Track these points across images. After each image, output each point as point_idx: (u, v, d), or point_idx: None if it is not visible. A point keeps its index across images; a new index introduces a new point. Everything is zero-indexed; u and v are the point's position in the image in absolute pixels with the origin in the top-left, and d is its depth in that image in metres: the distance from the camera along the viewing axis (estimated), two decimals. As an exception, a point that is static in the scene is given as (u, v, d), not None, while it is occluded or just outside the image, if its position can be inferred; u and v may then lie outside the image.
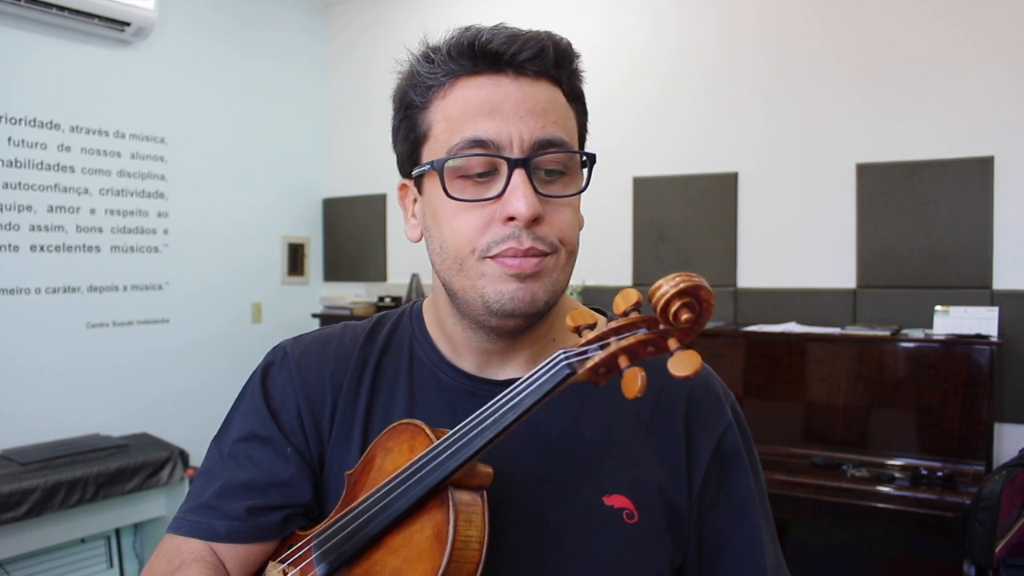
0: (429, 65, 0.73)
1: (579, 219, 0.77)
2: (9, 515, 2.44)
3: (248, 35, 3.94)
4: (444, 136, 0.71)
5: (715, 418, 0.80)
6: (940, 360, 2.52)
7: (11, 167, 3.01)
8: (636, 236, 3.39)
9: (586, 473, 0.76)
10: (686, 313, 0.56)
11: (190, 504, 0.79)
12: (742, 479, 0.80)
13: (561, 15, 3.62)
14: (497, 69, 0.71)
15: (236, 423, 0.83)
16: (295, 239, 4.24)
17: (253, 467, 0.78)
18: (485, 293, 0.71)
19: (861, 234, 2.91)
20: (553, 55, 0.72)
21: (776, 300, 3.06)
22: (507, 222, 0.69)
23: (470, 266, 0.71)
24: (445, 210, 0.72)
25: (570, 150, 0.72)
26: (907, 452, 2.53)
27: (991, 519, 2.11)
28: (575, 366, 0.61)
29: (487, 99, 0.70)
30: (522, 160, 0.69)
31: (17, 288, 3.02)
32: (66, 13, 3.02)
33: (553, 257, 0.71)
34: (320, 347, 0.85)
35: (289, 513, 0.78)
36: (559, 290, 0.73)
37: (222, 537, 0.76)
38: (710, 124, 3.24)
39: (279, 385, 0.83)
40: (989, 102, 2.70)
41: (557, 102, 0.73)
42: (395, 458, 0.69)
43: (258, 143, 3.99)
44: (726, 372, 2.87)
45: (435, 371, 0.81)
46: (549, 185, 0.71)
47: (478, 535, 0.61)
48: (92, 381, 3.24)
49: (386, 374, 0.82)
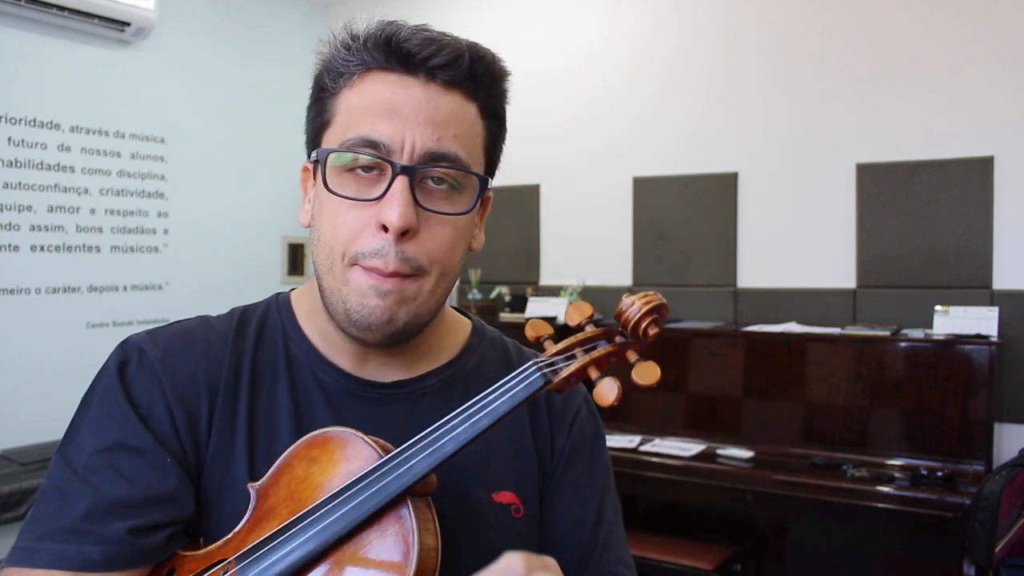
0: (345, 52, 0.71)
1: (468, 240, 0.75)
2: (9, 515, 2.44)
3: (248, 35, 3.94)
4: (342, 128, 0.70)
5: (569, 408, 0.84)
6: (940, 360, 2.52)
7: (11, 167, 3.01)
8: (636, 236, 3.39)
9: (474, 472, 0.76)
10: (654, 328, 0.62)
11: (44, 530, 0.65)
12: (584, 465, 0.83)
13: (561, 15, 3.62)
14: (408, 70, 0.69)
15: (89, 432, 0.71)
16: (295, 239, 4.24)
17: (124, 482, 0.67)
18: (347, 301, 0.69)
19: (861, 234, 2.91)
20: (469, 67, 0.70)
21: (776, 300, 3.06)
22: (380, 231, 0.67)
23: (338, 269, 0.70)
24: (327, 204, 0.71)
25: (462, 168, 0.70)
26: (907, 452, 2.53)
27: (991, 519, 2.11)
28: (549, 376, 0.63)
29: (390, 98, 0.68)
30: (407, 168, 0.67)
31: (17, 288, 3.02)
32: (66, 13, 3.02)
33: (417, 281, 0.69)
34: (183, 344, 0.76)
35: (173, 531, 0.69)
36: (425, 312, 0.72)
37: (98, 565, 0.64)
38: (710, 124, 3.24)
39: (143, 387, 0.72)
40: (989, 102, 2.70)
41: (464, 116, 0.71)
42: (327, 468, 0.66)
43: (258, 143, 3.99)
44: (726, 372, 2.87)
45: (314, 371, 0.77)
46: (434, 198, 0.69)
47: (435, 543, 0.62)
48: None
49: (264, 374, 0.77)
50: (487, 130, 0.74)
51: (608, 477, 0.86)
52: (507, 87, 0.76)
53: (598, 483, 0.83)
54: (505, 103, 0.76)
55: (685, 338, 2.96)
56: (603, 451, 0.87)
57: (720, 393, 2.88)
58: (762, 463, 2.62)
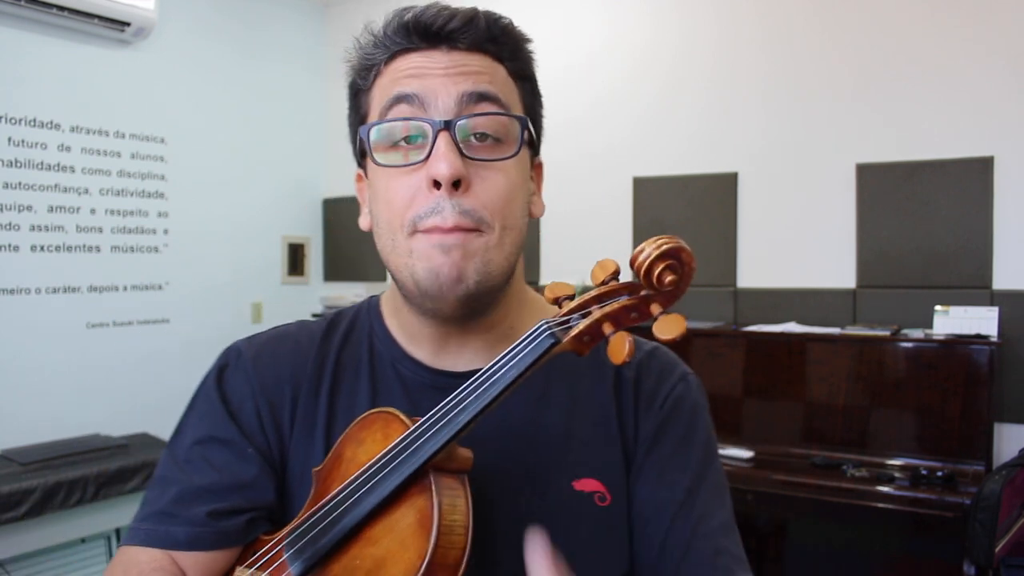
0: (371, 48, 0.73)
1: (526, 195, 0.74)
2: (9, 515, 2.44)
3: (248, 35, 3.94)
4: (376, 107, 0.71)
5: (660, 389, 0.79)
6: (940, 360, 2.52)
7: (11, 167, 3.01)
8: (636, 236, 3.39)
9: (554, 460, 0.74)
10: (669, 275, 0.56)
11: (145, 512, 0.74)
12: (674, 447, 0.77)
13: (561, 15, 3.62)
14: (430, 43, 0.70)
15: (190, 427, 0.79)
16: (295, 239, 4.24)
17: (212, 470, 0.74)
18: (415, 270, 0.69)
19: (861, 234, 2.91)
20: (486, 28, 0.70)
21: (776, 300, 3.06)
22: (432, 189, 0.67)
23: (400, 243, 0.69)
24: (378, 183, 0.71)
25: (500, 108, 0.69)
26: (907, 452, 2.53)
27: (991, 519, 2.11)
28: (558, 335, 0.59)
29: (417, 65, 0.69)
30: (446, 122, 0.67)
31: (17, 288, 3.02)
32: (66, 13, 3.02)
33: (482, 236, 0.68)
34: (275, 346, 0.82)
35: (253, 516, 0.74)
36: (495, 271, 0.70)
37: (182, 544, 0.71)
38: (710, 124, 3.24)
39: (235, 386, 0.79)
40: (989, 102, 2.70)
41: (496, 72, 0.71)
42: (368, 448, 0.66)
43: (258, 143, 3.99)
44: (726, 372, 2.87)
45: (395, 365, 0.79)
46: (479, 150, 0.69)
47: (463, 520, 0.59)
48: (92, 381, 3.24)
49: (346, 371, 0.80)
50: (521, 88, 0.74)
51: (708, 461, 0.77)
52: (531, 51, 0.76)
53: (691, 466, 0.76)
54: (533, 66, 0.76)
55: (685, 338, 2.94)
56: (700, 433, 0.79)
57: (720, 393, 2.87)
58: (762, 463, 2.62)
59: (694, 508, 0.74)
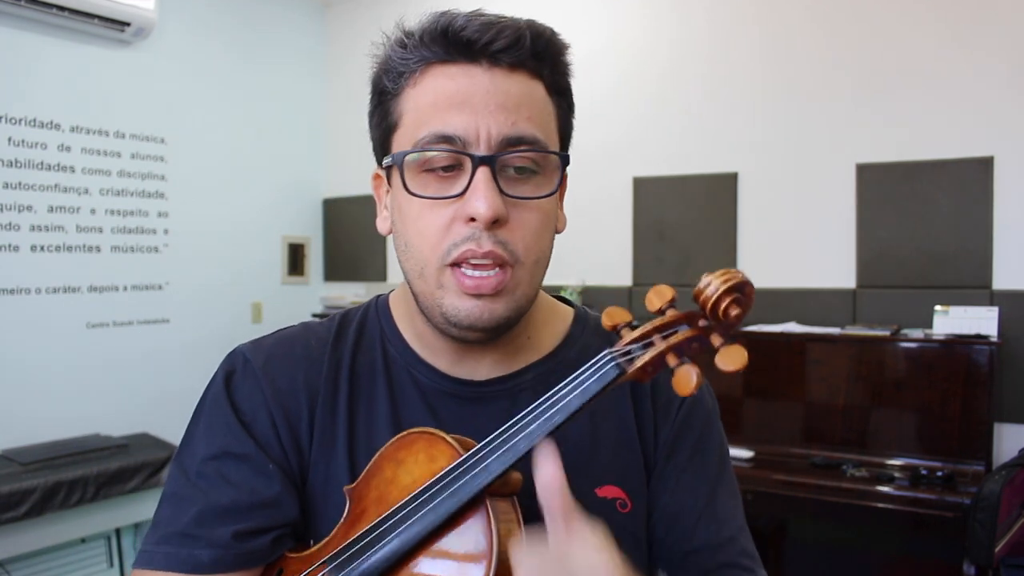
0: (402, 51, 0.69)
1: (555, 223, 0.74)
2: (9, 515, 2.44)
3: (248, 35, 3.94)
4: (412, 127, 0.68)
5: (676, 396, 0.79)
6: (940, 360, 2.52)
7: (11, 167, 3.01)
8: (636, 236, 3.39)
9: (577, 467, 0.74)
10: (735, 309, 0.56)
11: (161, 534, 0.70)
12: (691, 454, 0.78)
13: (560, 15, 3.61)
14: (470, 58, 0.67)
15: (201, 440, 0.74)
16: (295, 239, 4.24)
17: (231, 488, 0.71)
18: (443, 305, 0.68)
19: (861, 234, 2.91)
20: (531, 45, 0.68)
21: (776, 300, 3.06)
22: (468, 222, 0.66)
23: (430, 274, 0.68)
24: (410, 208, 0.69)
25: (541, 149, 0.68)
26: (907, 452, 2.53)
27: (991, 519, 2.11)
28: (623, 366, 0.58)
29: (457, 90, 0.66)
30: (487, 158, 0.65)
31: (17, 288, 3.02)
32: (66, 13, 3.02)
33: (514, 273, 0.68)
34: (285, 350, 0.78)
35: (278, 535, 0.71)
36: (524, 304, 0.70)
37: (206, 568, 0.68)
38: (710, 124, 3.24)
39: (246, 394, 0.75)
40: (989, 102, 2.70)
41: (534, 96, 0.69)
42: (412, 469, 0.65)
43: (258, 143, 3.99)
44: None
45: (411, 371, 0.77)
46: (518, 185, 0.67)
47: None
48: (92, 381, 3.24)
49: (362, 377, 0.77)
50: (557, 106, 0.72)
51: (723, 464, 0.80)
52: (569, 60, 0.74)
53: (709, 470, 0.77)
54: (569, 77, 0.74)
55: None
56: (715, 436, 0.81)
57: (720, 393, 2.84)
58: (762, 463, 2.62)
59: (716, 512, 0.75)
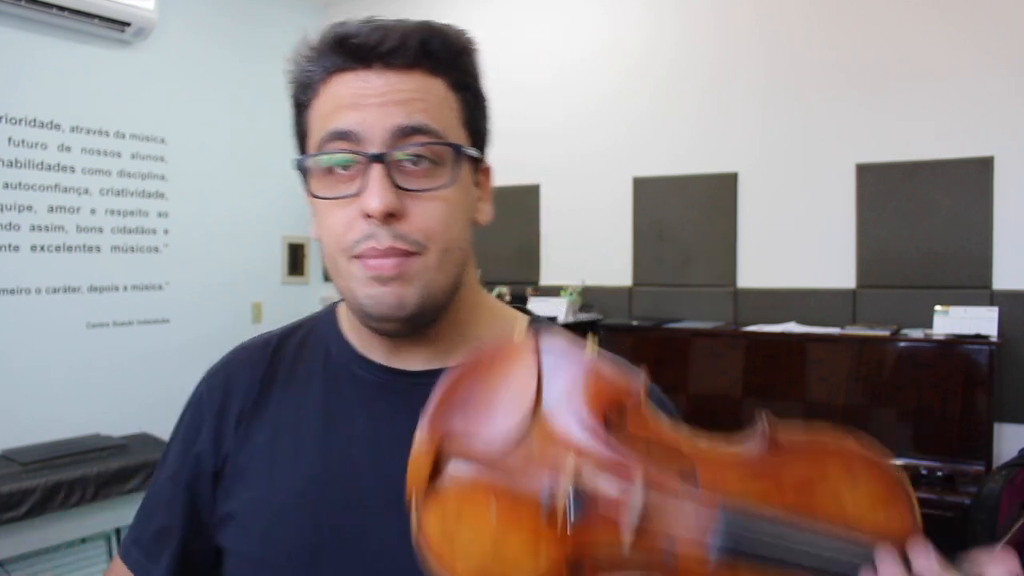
0: (307, 63, 0.72)
1: (469, 213, 0.74)
2: (9, 515, 2.44)
3: (248, 35, 3.94)
4: (316, 134, 0.71)
5: None
6: (940, 360, 2.52)
7: (11, 167, 3.01)
8: (636, 236, 3.39)
9: None
10: None
11: (134, 536, 0.82)
12: None
13: (561, 15, 3.62)
14: (365, 64, 0.68)
15: (171, 454, 0.83)
16: (295, 239, 4.24)
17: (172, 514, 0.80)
18: (356, 295, 0.70)
19: (861, 234, 2.91)
20: (420, 46, 0.69)
21: (776, 300, 3.06)
22: (366, 219, 0.67)
23: (342, 266, 0.70)
24: (318, 210, 0.72)
25: (436, 139, 0.68)
26: (907, 452, 2.53)
27: (991, 519, 2.11)
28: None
29: (352, 93, 0.68)
30: (378, 155, 0.66)
31: (17, 288, 3.02)
32: (66, 13, 3.02)
33: (419, 259, 0.68)
34: (237, 356, 0.86)
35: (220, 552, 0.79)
36: (436, 292, 0.70)
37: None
38: (710, 124, 3.24)
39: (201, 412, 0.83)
40: (989, 102, 2.70)
41: (431, 91, 0.69)
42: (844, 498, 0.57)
43: (258, 143, 3.99)
44: (726, 372, 2.87)
45: (349, 367, 0.79)
46: (415, 178, 0.68)
47: None
48: (92, 381, 3.24)
49: (299, 374, 0.81)
50: (461, 102, 0.72)
51: None
52: (474, 58, 0.74)
53: None
54: (476, 73, 0.75)
55: (685, 338, 2.96)
56: None
57: (720, 393, 2.87)
58: (762, 463, 2.62)
59: None
